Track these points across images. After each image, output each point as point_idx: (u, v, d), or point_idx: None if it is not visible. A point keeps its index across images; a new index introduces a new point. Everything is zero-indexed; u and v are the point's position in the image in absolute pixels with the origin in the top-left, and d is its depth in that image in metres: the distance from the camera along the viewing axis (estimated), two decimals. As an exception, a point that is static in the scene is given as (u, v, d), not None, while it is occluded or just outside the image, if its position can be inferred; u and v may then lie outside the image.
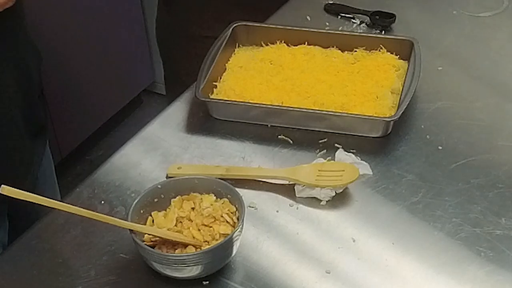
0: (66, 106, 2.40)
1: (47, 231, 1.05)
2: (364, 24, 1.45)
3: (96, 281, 0.97)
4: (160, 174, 1.12)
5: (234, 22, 1.35)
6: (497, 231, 1.02)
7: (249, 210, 1.05)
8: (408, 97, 1.16)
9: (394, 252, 1.00)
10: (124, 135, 1.52)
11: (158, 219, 0.98)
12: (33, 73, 1.23)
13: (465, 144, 1.16)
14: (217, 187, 1.01)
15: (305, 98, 1.21)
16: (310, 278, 0.96)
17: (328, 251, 1.00)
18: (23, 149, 1.22)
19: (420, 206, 1.06)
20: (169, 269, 0.94)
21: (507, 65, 1.34)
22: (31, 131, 1.24)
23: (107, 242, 1.02)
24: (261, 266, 0.98)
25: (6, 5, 1.06)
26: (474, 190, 1.08)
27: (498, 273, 0.96)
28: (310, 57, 1.31)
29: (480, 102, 1.25)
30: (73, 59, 2.39)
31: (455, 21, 1.47)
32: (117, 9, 2.53)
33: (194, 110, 1.25)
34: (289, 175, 1.09)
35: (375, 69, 1.27)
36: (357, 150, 1.14)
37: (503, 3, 1.50)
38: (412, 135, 1.18)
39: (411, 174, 1.11)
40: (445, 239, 1.01)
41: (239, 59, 1.32)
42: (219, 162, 1.15)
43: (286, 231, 1.03)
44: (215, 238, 0.96)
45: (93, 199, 1.09)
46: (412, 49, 1.27)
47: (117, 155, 1.17)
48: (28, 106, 1.22)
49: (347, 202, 1.07)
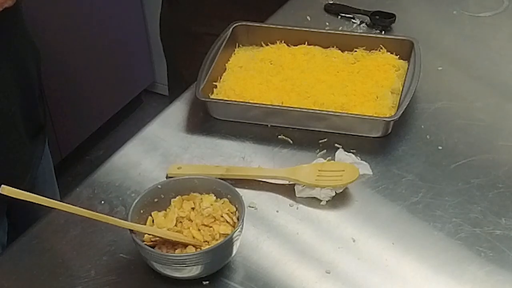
0: (66, 106, 2.40)
1: (47, 231, 1.05)
2: (364, 24, 1.45)
3: (96, 281, 0.97)
4: (160, 174, 1.12)
5: (234, 22, 1.35)
6: (497, 231, 1.02)
7: (249, 210, 1.05)
8: (408, 97, 1.16)
9: (394, 252, 1.00)
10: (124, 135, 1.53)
11: (158, 219, 0.98)
12: (32, 72, 1.23)
13: (465, 144, 1.16)
14: (217, 187, 1.01)
15: (305, 98, 1.21)
16: (310, 278, 0.96)
17: (328, 251, 1.00)
18: (22, 149, 1.22)
19: (420, 206, 1.06)
20: (169, 269, 0.94)
21: (507, 65, 1.34)
22: (30, 131, 1.24)
23: (107, 242, 1.02)
24: (261, 266, 0.98)
25: (5, 4, 1.06)
26: (474, 190, 1.08)
27: (498, 273, 0.96)
28: (310, 57, 1.31)
29: (480, 102, 1.25)
30: (73, 59, 2.39)
31: (455, 21, 1.47)
32: (117, 9, 2.53)
33: (194, 110, 1.25)
34: (289, 175, 1.09)
35: (375, 69, 1.27)
36: (357, 150, 1.14)
37: (503, 3, 1.50)
38: (412, 135, 1.18)
39: (411, 174, 1.11)
40: (445, 239, 1.01)
41: (239, 59, 1.32)
42: (219, 162, 1.15)
43: (286, 231, 1.03)
44: (215, 238, 0.96)
45: (93, 199, 1.09)
46: (412, 49, 1.27)
47: (117, 155, 1.17)
48: (27, 105, 1.22)
49: (347, 202, 1.07)
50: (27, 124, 1.22)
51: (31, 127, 1.25)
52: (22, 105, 1.19)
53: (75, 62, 2.40)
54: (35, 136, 1.27)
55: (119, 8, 2.54)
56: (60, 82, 2.33)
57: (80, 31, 2.38)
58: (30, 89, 1.23)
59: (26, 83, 1.21)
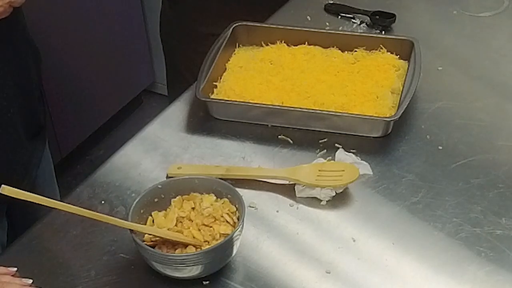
0: (66, 106, 2.40)
1: (47, 231, 1.05)
2: (364, 24, 1.45)
3: (96, 281, 0.97)
4: (160, 174, 1.12)
5: (234, 22, 1.35)
6: (497, 231, 1.02)
7: (249, 210, 1.05)
8: (408, 97, 1.16)
9: (394, 252, 1.00)
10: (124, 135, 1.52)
11: (158, 219, 0.98)
12: (32, 73, 1.23)
13: (465, 144, 1.16)
14: (217, 187, 1.01)
15: (305, 98, 1.21)
16: (310, 278, 0.96)
17: (328, 251, 1.00)
18: (21, 150, 1.22)
19: (420, 206, 1.06)
20: (169, 269, 0.94)
21: (507, 65, 1.34)
22: (29, 131, 1.24)
23: (107, 242, 1.02)
24: (261, 266, 0.98)
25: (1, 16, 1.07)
26: (474, 190, 1.08)
27: (498, 273, 0.96)
28: (310, 57, 1.31)
29: (480, 102, 1.25)
30: (73, 59, 2.39)
31: (455, 21, 1.47)
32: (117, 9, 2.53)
33: (194, 110, 1.25)
34: (289, 175, 1.09)
35: (375, 69, 1.27)
36: (357, 150, 1.14)
37: (503, 3, 1.50)
38: (412, 135, 1.18)
39: (411, 174, 1.11)
40: (445, 239, 1.01)
41: (239, 59, 1.32)
42: (219, 162, 1.15)
43: (286, 231, 1.03)
44: (215, 238, 0.96)
45: (93, 199, 1.09)
46: (412, 49, 1.27)
47: (117, 155, 1.17)
48: (27, 106, 1.22)
49: (347, 202, 1.07)
50: (26, 124, 1.22)
51: (31, 128, 1.25)
52: (21, 105, 1.19)
53: (75, 62, 2.40)
54: (35, 137, 1.27)
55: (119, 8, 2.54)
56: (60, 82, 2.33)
57: (80, 31, 2.38)
58: (29, 90, 1.23)
59: (26, 84, 1.21)
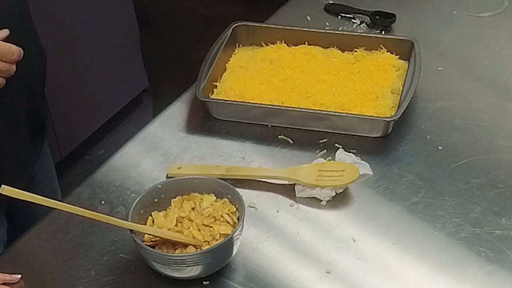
0: (66, 106, 2.40)
1: (47, 231, 1.05)
2: (364, 24, 1.45)
3: (96, 281, 0.97)
4: (160, 174, 1.12)
5: (234, 22, 1.35)
6: (497, 231, 1.02)
7: (249, 210, 1.05)
8: (408, 97, 1.16)
9: (394, 252, 1.00)
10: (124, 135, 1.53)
11: (158, 219, 0.98)
12: (36, 73, 1.23)
13: (465, 144, 1.16)
14: (217, 187, 1.01)
15: (305, 98, 1.21)
16: (310, 278, 0.96)
17: (328, 251, 1.00)
18: (20, 147, 1.22)
19: (420, 206, 1.06)
20: (169, 269, 0.94)
21: (507, 65, 1.34)
22: (31, 130, 1.24)
23: (107, 242, 1.02)
24: (261, 266, 0.98)
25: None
26: (474, 190, 1.08)
27: (498, 273, 0.96)
28: (310, 57, 1.31)
29: (480, 102, 1.25)
30: (73, 59, 2.39)
31: (455, 21, 1.47)
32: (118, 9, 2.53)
33: (194, 110, 1.25)
34: (289, 175, 1.09)
35: (375, 69, 1.27)
36: (357, 150, 1.14)
37: (503, 3, 1.50)
38: (412, 135, 1.18)
39: (411, 174, 1.11)
40: (445, 239, 1.01)
41: (239, 59, 1.32)
42: (219, 162, 1.14)
43: (286, 231, 1.03)
44: (215, 238, 0.96)
45: (93, 199, 1.09)
46: (412, 49, 1.27)
47: (117, 155, 1.17)
48: (30, 105, 1.22)
49: (347, 202, 1.07)
50: (29, 123, 1.22)
51: (33, 126, 1.25)
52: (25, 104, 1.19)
53: (75, 62, 2.40)
54: (35, 135, 1.27)
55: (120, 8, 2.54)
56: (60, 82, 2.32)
57: (80, 31, 2.38)
58: (33, 89, 1.23)
59: (30, 83, 1.21)
